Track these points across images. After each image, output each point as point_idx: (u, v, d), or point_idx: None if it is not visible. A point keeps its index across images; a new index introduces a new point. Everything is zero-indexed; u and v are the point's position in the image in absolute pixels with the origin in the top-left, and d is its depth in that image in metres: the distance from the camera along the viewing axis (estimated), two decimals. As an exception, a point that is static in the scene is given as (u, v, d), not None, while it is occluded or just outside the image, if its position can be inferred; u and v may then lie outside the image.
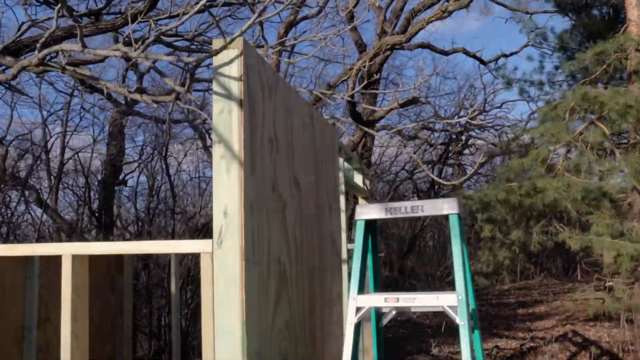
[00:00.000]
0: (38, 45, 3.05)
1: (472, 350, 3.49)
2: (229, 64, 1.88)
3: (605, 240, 5.91)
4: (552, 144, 7.12)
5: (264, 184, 1.99)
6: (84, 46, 2.64)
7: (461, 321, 3.71)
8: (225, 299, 1.78)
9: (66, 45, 2.97)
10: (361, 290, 4.37)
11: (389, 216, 4.37)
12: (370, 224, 4.55)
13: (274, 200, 2.06)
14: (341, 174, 3.45)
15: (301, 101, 2.52)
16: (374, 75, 8.45)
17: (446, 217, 4.44)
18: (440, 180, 12.34)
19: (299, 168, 2.34)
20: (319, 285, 2.47)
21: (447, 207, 4.08)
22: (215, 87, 1.90)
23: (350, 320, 4.20)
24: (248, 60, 1.92)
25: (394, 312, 4.51)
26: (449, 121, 12.47)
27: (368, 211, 4.50)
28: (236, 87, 1.87)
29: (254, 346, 1.79)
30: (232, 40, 1.88)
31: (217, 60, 1.90)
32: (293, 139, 2.31)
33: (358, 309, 4.23)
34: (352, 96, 7.12)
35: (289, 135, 2.26)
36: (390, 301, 4.16)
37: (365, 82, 6.82)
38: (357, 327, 4.33)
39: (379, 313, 4.59)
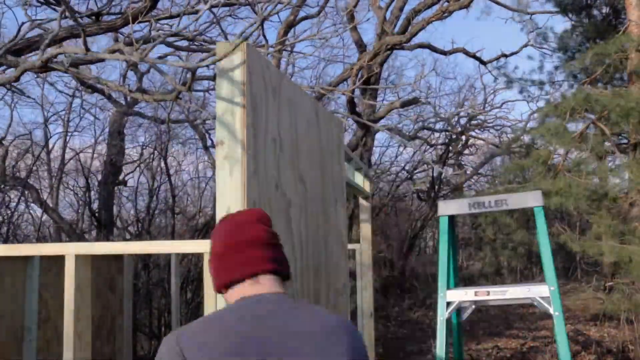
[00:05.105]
0: (41, 47, 3.04)
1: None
2: (233, 67, 1.89)
3: (606, 244, 5.91)
4: (552, 144, 7.12)
5: (267, 184, 1.99)
6: (87, 49, 2.62)
7: (555, 312, 3.68)
8: (228, 299, 1.78)
9: (70, 48, 2.96)
10: (449, 285, 4.29)
11: (472, 211, 4.29)
12: (451, 220, 4.42)
13: (277, 199, 2.06)
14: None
15: (306, 98, 2.53)
16: (374, 74, 8.45)
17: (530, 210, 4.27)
18: (449, 174, 12.31)
19: (304, 165, 2.34)
20: (325, 278, 2.48)
21: (532, 199, 4.01)
22: (218, 89, 1.90)
23: (441, 316, 4.13)
24: (251, 62, 1.92)
25: (473, 307, 4.43)
26: (449, 113, 12.40)
27: (451, 207, 4.37)
28: (239, 90, 1.88)
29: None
30: (236, 46, 1.87)
31: (220, 63, 1.91)
32: (298, 136, 2.31)
33: (448, 304, 4.16)
34: (352, 95, 7.12)
35: (293, 134, 2.26)
36: (481, 295, 4.10)
37: (365, 76, 6.81)
38: (448, 322, 4.26)
39: (459, 308, 4.50)
